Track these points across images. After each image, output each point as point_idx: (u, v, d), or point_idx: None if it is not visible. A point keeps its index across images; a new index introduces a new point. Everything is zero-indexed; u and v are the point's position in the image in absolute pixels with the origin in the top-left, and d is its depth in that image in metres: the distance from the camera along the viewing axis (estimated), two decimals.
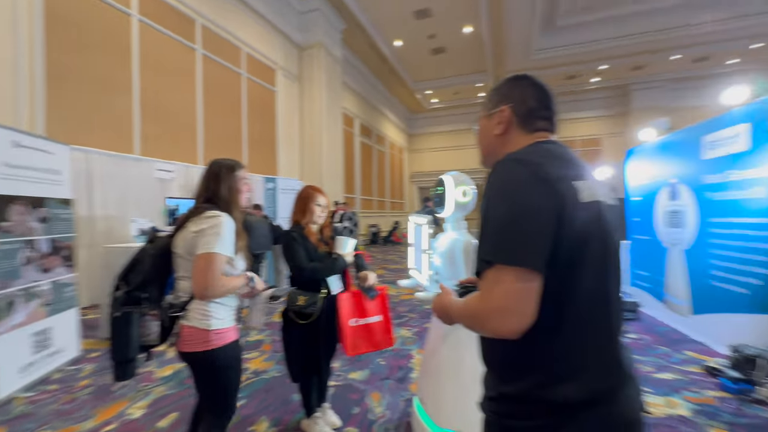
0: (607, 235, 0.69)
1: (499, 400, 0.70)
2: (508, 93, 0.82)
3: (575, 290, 0.64)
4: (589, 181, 0.70)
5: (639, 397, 0.70)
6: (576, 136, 15.38)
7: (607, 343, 0.68)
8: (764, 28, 9.38)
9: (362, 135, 12.96)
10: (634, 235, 4.49)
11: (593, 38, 10.13)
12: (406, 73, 12.91)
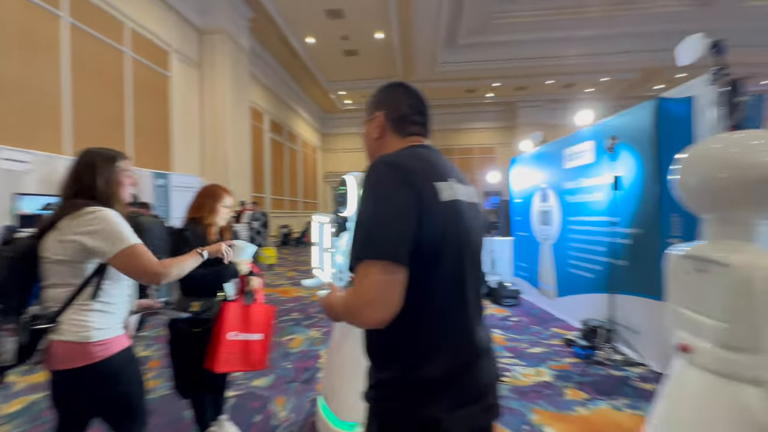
0: (465, 231, 0.77)
1: (376, 387, 0.75)
2: (383, 100, 0.88)
3: (434, 281, 0.71)
4: (450, 182, 0.77)
5: (493, 367, 0.81)
6: (474, 144, 17.09)
7: (464, 325, 0.77)
8: (610, 65, 11.72)
9: (273, 131, 12.38)
10: (517, 232, 5.20)
11: (487, 58, 11.37)
12: (319, 71, 12.75)
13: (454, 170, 0.85)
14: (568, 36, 10.12)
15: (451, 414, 0.69)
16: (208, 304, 1.64)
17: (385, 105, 0.87)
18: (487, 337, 0.83)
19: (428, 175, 0.74)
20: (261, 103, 11.16)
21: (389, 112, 0.86)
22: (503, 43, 10.56)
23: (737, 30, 9.59)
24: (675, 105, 2.60)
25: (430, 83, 13.51)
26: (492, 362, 0.82)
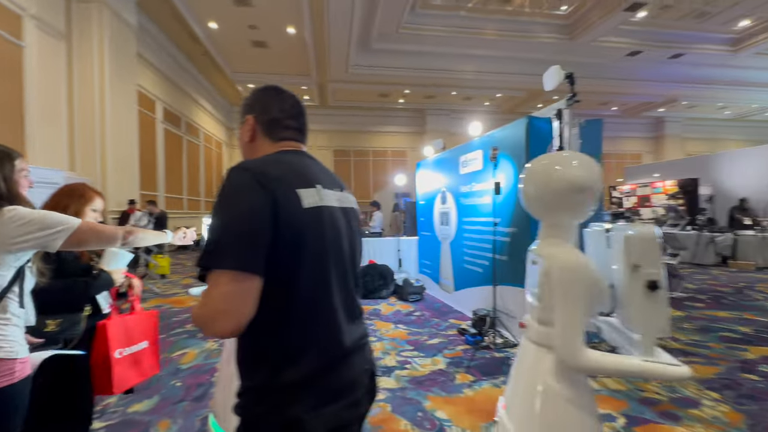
0: (335, 236, 0.79)
1: (245, 394, 0.74)
2: (254, 103, 0.87)
3: (297, 287, 0.72)
4: (318, 188, 0.78)
5: (365, 363, 0.85)
6: (387, 147, 17.70)
7: (330, 327, 0.78)
8: (502, 83, 13.25)
9: (168, 122, 11.04)
10: (422, 231, 5.55)
11: (398, 65, 11.87)
12: (224, 60, 11.80)
13: (326, 176, 0.87)
14: (468, 53, 11.17)
15: (315, 412, 0.71)
16: (70, 320, 1.39)
17: (256, 108, 0.87)
18: (360, 335, 0.86)
19: (289, 181, 0.74)
20: (153, 89, 9.86)
21: (259, 116, 0.86)
22: (413, 52, 11.14)
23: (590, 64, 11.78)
24: (541, 123, 3.07)
25: (344, 84, 13.58)
26: (364, 359, 0.85)
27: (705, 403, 2.27)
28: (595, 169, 1.04)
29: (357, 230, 0.92)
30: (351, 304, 0.85)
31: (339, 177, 0.98)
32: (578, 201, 1.04)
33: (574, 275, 0.97)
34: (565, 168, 1.04)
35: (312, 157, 0.90)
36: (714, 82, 13.37)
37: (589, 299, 0.98)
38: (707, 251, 7.43)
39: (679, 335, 3.49)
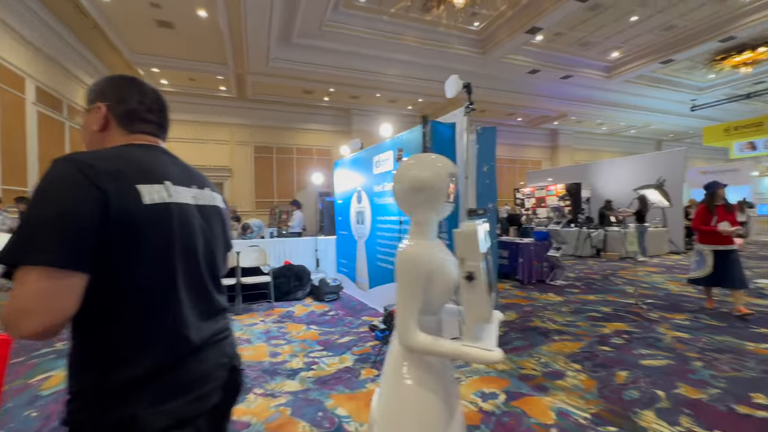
0: (187, 234, 0.79)
1: (73, 400, 0.70)
2: (107, 91, 0.85)
3: (132, 285, 0.70)
4: (166, 184, 0.77)
5: (219, 357, 0.85)
6: (312, 145, 17.35)
7: (173, 325, 0.76)
8: (423, 89, 13.90)
9: (43, 104, 9.33)
10: (339, 231, 5.55)
11: (321, 63, 11.70)
12: (120, 39, 10.39)
13: (181, 173, 0.86)
14: (391, 57, 11.49)
15: (153, 409, 0.70)
16: None
17: (110, 97, 0.84)
18: (216, 332, 0.86)
19: (128, 176, 0.72)
20: (21, 65, 8.23)
21: (114, 105, 0.84)
22: (337, 51, 11.08)
23: (498, 77, 13.04)
24: (443, 128, 3.29)
25: (264, 77, 12.93)
26: (220, 353, 0.85)
27: (569, 374, 2.66)
28: (436, 170, 1.12)
29: (218, 228, 0.92)
30: (205, 302, 0.85)
31: (203, 175, 0.97)
32: (421, 199, 1.13)
33: (405, 265, 1.06)
34: (410, 168, 1.14)
35: (169, 153, 0.88)
36: (594, 102, 15.77)
37: (421, 288, 1.06)
38: (585, 245, 8.76)
39: (558, 317, 4.04)
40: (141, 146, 0.83)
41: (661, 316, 4.01)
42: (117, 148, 0.80)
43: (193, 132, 15.85)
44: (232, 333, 0.96)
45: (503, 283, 5.92)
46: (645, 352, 3.02)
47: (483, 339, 1.06)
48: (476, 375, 2.65)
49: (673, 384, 2.47)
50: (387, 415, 1.12)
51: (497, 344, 1.05)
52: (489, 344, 1.02)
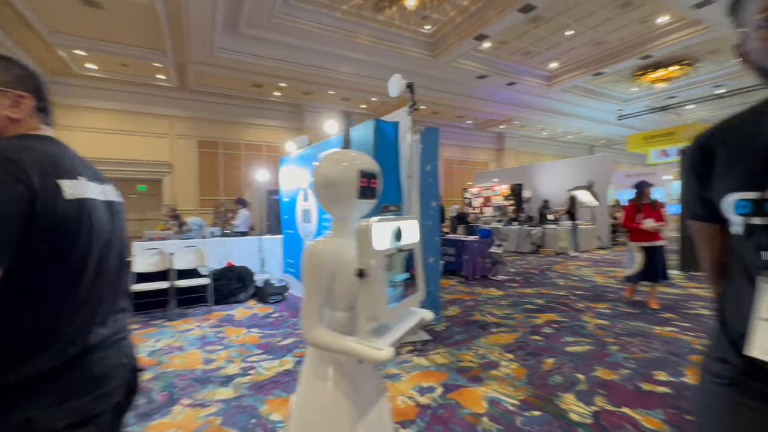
0: (98, 230, 0.79)
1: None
2: (26, 80, 0.82)
3: (46, 280, 0.70)
4: (81, 180, 0.78)
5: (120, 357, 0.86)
6: (262, 141, 16.70)
7: (81, 322, 0.77)
8: (376, 88, 13.96)
9: None
10: (285, 230, 5.38)
11: (270, 56, 11.30)
12: (37, 16, 9.23)
13: (86, 168, 0.86)
14: (344, 55, 11.39)
15: (53, 409, 0.70)
16: None
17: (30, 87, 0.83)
18: (118, 330, 0.87)
19: (49, 170, 0.72)
20: None
21: (36, 97, 0.84)
22: (287, 45, 10.75)
23: (449, 81, 13.49)
24: (387, 126, 3.31)
25: (208, 67, 12.19)
26: (121, 353, 0.86)
27: (502, 363, 2.81)
28: (342, 166, 1.13)
29: (122, 225, 0.94)
30: (111, 300, 0.86)
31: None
32: (330, 195, 1.14)
33: (307, 261, 1.07)
34: (320, 165, 1.17)
35: (64, 144, 0.86)
36: (535, 108, 16.88)
37: (321, 283, 1.07)
38: (526, 241, 9.35)
39: (497, 311, 4.25)
40: (44, 138, 0.82)
41: (586, 306, 4.38)
42: (25, 139, 0.78)
43: (126, 123, 14.53)
44: (130, 333, 0.96)
45: (449, 279, 6.12)
46: (571, 340, 3.28)
47: (382, 337, 1.05)
48: (417, 370, 2.70)
49: (591, 367, 2.70)
50: (297, 410, 1.14)
51: (398, 343, 1.06)
52: (381, 343, 1.01)
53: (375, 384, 1.24)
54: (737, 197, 0.64)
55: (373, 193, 1.20)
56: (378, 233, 1.02)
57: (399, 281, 1.12)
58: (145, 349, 3.17)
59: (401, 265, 1.15)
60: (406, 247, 1.17)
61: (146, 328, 3.78)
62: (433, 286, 3.61)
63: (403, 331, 1.13)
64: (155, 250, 4.34)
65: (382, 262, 1.02)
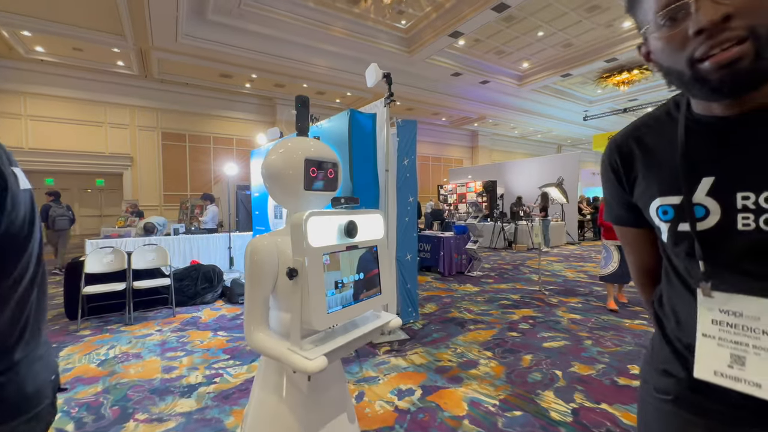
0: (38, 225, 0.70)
1: None
2: None
3: (14, 275, 0.62)
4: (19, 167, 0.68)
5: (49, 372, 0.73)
6: (233, 134, 16.06)
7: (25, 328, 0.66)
8: (351, 83, 13.73)
9: None
10: (257, 226, 5.13)
11: (239, 45, 10.82)
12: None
13: None
14: (318, 47, 11.08)
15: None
16: None
17: None
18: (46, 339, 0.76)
19: (9, 159, 0.64)
20: None
21: None
22: (258, 34, 10.32)
23: (424, 77, 13.48)
24: (363, 118, 3.17)
25: (173, 55, 11.51)
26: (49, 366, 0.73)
27: (481, 362, 2.76)
28: (286, 155, 1.05)
29: None
30: (44, 303, 0.75)
31: None
32: (277, 188, 1.08)
33: (248, 257, 1.00)
34: (267, 155, 1.10)
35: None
36: (507, 107, 17.24)
37: (261, 282, 0.99)
38: (499, 237, 9.50)
39: (473, 307, 4.23)
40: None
41: (559, 301, 4.45)
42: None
43: (82, 113, 13.50)
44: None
45: (425, 275, 6.08)
46: (547, 335, 3.29)
47: (322, 343, 0.96)
48: (394, 372, 2.60)
49: (568, 363, 2.71)
50: (248, 423, 1.08)
51: (339, 353, 0.98)
52: (315, 351, 0.91)
53: (338, 392, 1.15)
54: (660, 203, 0.59)
55: (328, 183, 1.10)
56: (316, 228, 0.92)
57: (347, 283, 1.01)
58: (96, 359, 2.88)
59: (353, 264, 1.03)
60: (364, 245, 1.07)
61: (99, 334, 3.45)
62: (412, 283, 3.52)
63: (352, 338, 1.02)
64: (110, 248, 3.98)
65: (319, 260, 0.92)
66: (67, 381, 2.48)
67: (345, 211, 1.03)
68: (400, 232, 3.33)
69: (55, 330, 3.59)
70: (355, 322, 1.10)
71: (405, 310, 3.50)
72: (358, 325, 1.09)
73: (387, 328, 1.14)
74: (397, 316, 1.20)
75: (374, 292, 1.09)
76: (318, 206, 1.11)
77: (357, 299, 1.02)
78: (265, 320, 1.01)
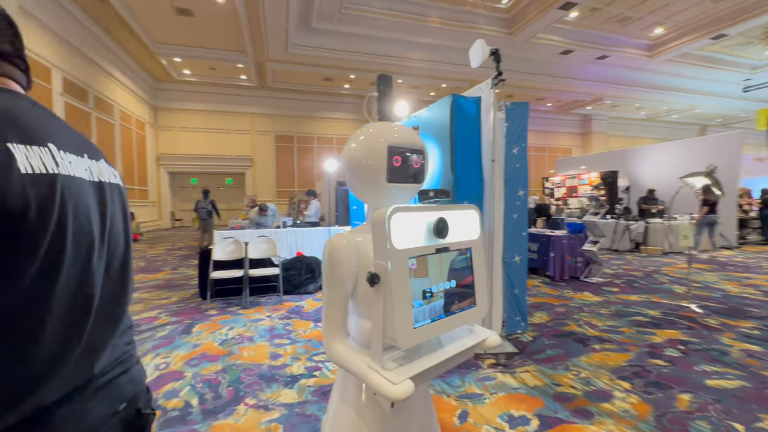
0: (84, 219, 0.56)
1: None
2: None
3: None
4: (50, 148, 0.54)
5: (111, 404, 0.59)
6: (333, 134, 17.13)
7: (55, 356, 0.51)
8: (447, 74, 13.28)
9: (69, 95, 9.49)
10: (354, 221, 5.23)
11: (341, 48, 11.33)
12: (143, 29, 10.40)
13: (67, 135, 0.61)
14: (413, 40, 10.95)
15: None
16: None
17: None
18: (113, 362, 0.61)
19: None
20: (48, 56, 8.35)
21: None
22: (357, 35, 10.67)
23: (528, 60, 12.20)
24: (467, 102, 2.86)
25: (284, 65, 12.72)
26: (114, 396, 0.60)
27: (616, 395, 2.22)
28: (367, 142, 0.93)
29: (120, 215, 0.68)
30: (108, 320, 0.61)
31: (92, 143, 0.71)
32: (356, 180, 0.97)
33: (326, 258, 0.91)
34: (347, 144, 0.99)
35: (39, 104, 0.60)
36: (632, 84, 14.59)
37: (340, 285, 0.89)
38: (623, 238, 8.04)
39: (596, 321, 3.56)
40: (10, 93, 0.57)
41: (722, 324, 3.44)
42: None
43: (214, 122, 15.94)
44: (136, 361, 0.69)
45: (532, 278, 5.43)
46: (709, 369, 2.52)
47: (408, 363, 0.83)
48: (502, 391, 2.26)
49: (752, 415, 1.99)
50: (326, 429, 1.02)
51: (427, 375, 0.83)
52: (400, 373, 0.78)
53: (423, 418, 1.02)
54: None
55: (412, 175, 0.95)
56: (401, 226, 0.79)
57: (437, 292, 0.86)
58: (219, 338, 3.22)
59: (443, 270, 0.88)
60: (456, 247, 0.91)
61: (222, 315, 3.89)
62: (520, 289, 3.09)
63: (442, 358, 0.87)
64: (231, 239, 4.48)
65: (404, 265, 0.78)
66: (195, 356, 2.81)
67: (434, 206, 0.89)
68: (507, 230, 2.93)
69: (191, 307, 4.18)
70: (446, 338, 0.96)
71: (512, 319, 3.10)
72: (449, 342, 0.94)
73: (483, 347, 0.97)
74: (495, 334, 1.00)
75: (468, 303, 0.93)
76: (402, 201, 0.98)
77: (448, 312, 0.88)
78: (344, 329, 0.92)
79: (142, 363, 0.73)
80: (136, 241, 10.90)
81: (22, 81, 0.63)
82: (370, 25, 10.14)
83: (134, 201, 12.75)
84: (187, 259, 7.46)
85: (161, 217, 15.42)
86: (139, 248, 9.25)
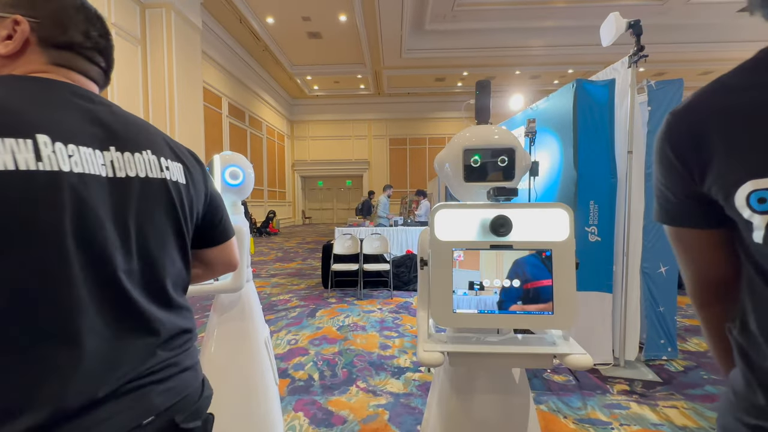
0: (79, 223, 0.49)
1: None
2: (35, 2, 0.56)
3: None
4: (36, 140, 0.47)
5: (134, 417, 0.53)
6: (444, 134, 17.07)
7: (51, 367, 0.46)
8: (575, 58, 11.81)
9: (232, 116, 11.85)
10: None
11: (454, 46, 11.20)
12: (283, 54, 12.24)
13: (108, 124, 0.56)
14: (534, 26, 10.09)
15: None
16: None
17: (39, 11, 0.56)
18: (142, 373, 0.55)
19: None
20: (218, 86, 10.61)
21: (44, 27, 0.56)
22: (470, 31, 10.41)
23: (687, 26, 9.85)
24: (594, 88, 2.50)
25: (398, 70, 13.28)
26: (140, 408, 0.54)
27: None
28: (450, 145, 1.05)
29: (161, 213, 0.61)
30: (120, 327, 0.54)
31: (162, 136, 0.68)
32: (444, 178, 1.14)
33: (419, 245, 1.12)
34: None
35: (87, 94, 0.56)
36: None
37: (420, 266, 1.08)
38: None
39: None
40: (36, 80, 0.53)
41: None
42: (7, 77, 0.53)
43: (337, 130, 17.68)
44: (180, 369, 0.61)
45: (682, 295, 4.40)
46: None
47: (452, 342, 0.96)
48: (636, 425, 1.91)
49: None
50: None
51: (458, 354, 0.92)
52: (434, 345, 0.92)
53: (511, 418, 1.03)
54: (753, 187, 0.42)
55: (498, 174, 1.01)
56: (449, 221, 0.92)
57: (488, 286, 0.91)
58: (337, 324, 3.58)
59: (500, 267, 0.90)
60: (524, 246, 0.90)
61: (340, 304, 4.31)
62: (666, 306, 2.56)
63: (486, 350, 0.91)
64: (348, 235, 4.93)
65: (447, 254, 0.91)
66: (317, 337, 3.19)
67: (489, 204, 0.95)
68: (649, 235, 2.45)
69: (315, 294, 4.76)
70: (519, 339, 0.97)
71: (654, 342, 2.58)
72: (517, 342, 0.94)
73: (561, 360, 0.89)
74: (586, 355, 0.88)
75: (540, 308, 0.89)
76: (483, 198, 1.03)
77: (503, 309, 0.90)
78: (426, 301, 1.05)
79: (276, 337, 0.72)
80: (275, 234, 12.89)
81: (97, 76, 0.61)
82: (484, 18, 9.76)
83: (274, 201, 15.13)
84: (314, 252, 8.49)
85: (295, 216, 17.90)
86: (277, 240, 10.96)
